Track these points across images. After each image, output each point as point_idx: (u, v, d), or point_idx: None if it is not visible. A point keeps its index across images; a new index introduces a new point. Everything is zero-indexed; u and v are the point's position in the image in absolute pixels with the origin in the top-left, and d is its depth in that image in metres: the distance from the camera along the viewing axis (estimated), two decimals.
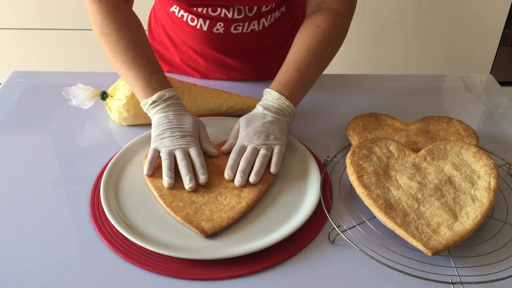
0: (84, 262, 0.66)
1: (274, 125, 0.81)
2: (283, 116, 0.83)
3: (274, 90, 0.84)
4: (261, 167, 0.77)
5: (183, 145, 0.78)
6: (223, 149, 0.83)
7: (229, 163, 0.78)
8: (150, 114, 0.83)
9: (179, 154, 0.78)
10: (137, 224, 0.70)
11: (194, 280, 0.64)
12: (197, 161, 0.77)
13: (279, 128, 0.82)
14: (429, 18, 2.01)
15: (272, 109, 0.83)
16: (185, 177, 0.75)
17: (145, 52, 0.85)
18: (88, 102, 0.92)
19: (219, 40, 1.00)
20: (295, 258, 0.68)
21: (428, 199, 0.70)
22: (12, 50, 2.05)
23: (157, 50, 1.13)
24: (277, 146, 0.80)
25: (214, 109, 0.94)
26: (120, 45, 0.83)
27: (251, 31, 0.99)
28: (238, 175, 0.76)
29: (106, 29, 0.84)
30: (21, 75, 1.10)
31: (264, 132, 0.80)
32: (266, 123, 0.81)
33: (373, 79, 1.14)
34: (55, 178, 0.81)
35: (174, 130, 0.79)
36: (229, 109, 0.94)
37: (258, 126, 0.81)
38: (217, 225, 0.69)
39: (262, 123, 0.81)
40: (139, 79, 0.82)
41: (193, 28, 0.99)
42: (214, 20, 0.96)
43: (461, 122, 0.88)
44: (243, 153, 0.78)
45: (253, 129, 0.81)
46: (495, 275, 0.64)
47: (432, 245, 0.64)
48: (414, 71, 2.16)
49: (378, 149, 0.79)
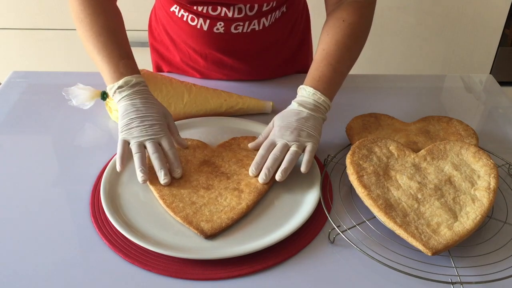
0: (84, 262, 0.66)
1: (309, 121, 0.79)
2: (318, 113, 0.81)
3: (309, 85, 0.83)
4: (289, 165, 0.75)
5: (153, 135, 0.76)
6: (251, 145, 0.81)
7: (255, 159, 0.76)
8: (116, 100, 0.80)
9: (150, 146, 0.75)
10: (137, 224, 0.70)
11: (194, 280, 0.64)
12: (170, 153, 0.76)
13: (313, 125, 0.79)
14: (429, 18, 2.01)
15: (308, 105, 0.81)
16: (159, 171, 0.74)
17: (117, 38, 0.83)
18: (88, 102, 0.92)
19: (219, 40, 1.00)
20: (295, 258, 0.68)
21: (428, 199, 0.70)
22: (12, 50, 2.05)
23: (158, 50, 1.13)
24: (310, 144, 0.78)
25: (214, 109, 0.94)
26: (92, 30, 0.82)
27: (251, 31, 0.99)
28: (263, 172, 0.74)
29: (81, 14, 0.83)
30: (21, 75, 1.10)
31: (298, 129, 0.78)
32: (301, 119, 0.79)
33: (373, 79, 1.14)
34: (55, 178, 0.81)
35: (144, 119, 0.76)
36: (229, 109, 0.94)
37: (292, 122, 0.79)
38: (216, 226, 0.69)
39: (296, 119, 0.79)
40: (107, 63, 0.80)
41: (193, 27, 0.99)
42: (214, 20, 0.96)
43: (461, 122, 0.88)
44: (272, 150, 0.77)
45: (286, 125, 0.79)
46: (495, 275, 0.64)
47: (432, 245, 0.64)
48: (414, 71, 2.16)
49: (378, 149, 0.79)
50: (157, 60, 1.14)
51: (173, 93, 0.92)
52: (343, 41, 0.85)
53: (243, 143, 0.85)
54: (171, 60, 1.11)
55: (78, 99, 0.90)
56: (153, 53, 1.16)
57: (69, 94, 0.91)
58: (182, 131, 0.90)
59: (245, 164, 0.80)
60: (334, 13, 0.90)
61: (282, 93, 1.04)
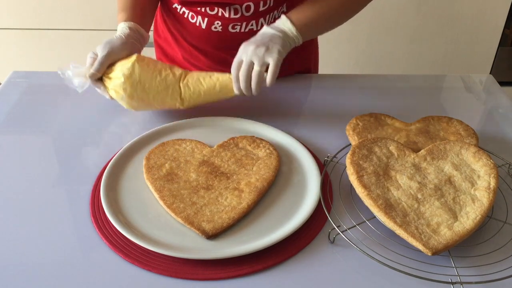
0: (84, 262, 0.66)
1: (273, 39, 0.85)
2: (286, 37, 0.86)
3: (286, 16, 0.88)
4: (257, 85, 0.83)
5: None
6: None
7: (232, 78, 0.86)
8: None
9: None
10: (137, 224, 0.71)
11: (194, 280, 0.64)
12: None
13: (276, 41, 0.84)
14: (429, 18, 2.01)
15: (276, 28, 0.87)
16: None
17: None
18: (85, 80, 0.90)
19: (217, 38, 1.00)
20: (295, 258, 0.68)
21: (428, 199, 0.70)
22: (12, 50, 2.05)
23: (161, 46, 1.14)
24: (271, 58, 0.83)
25: (207, 91, 0.90)
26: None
27: (249, 30, 0.99)
28: (243, 92, 0.85)
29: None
30: (21, 75, 1.10)
31: (261, 44, 0.83)
32: (265, 37, 0.85)
33: (373, 79, 1.14)
34: (55, 178, 0.81)
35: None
36: (223, 88, 0.90)
37: (256, 38, 0.85)
38: (218, 226, 0.69)
39: (261, 37, 0.85)
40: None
41: (193, 25, 0.99)
42: (212, 18, 0.97)
43: (461, 122, 0.88)
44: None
45: (250, 41, 0.85)
46: (494, 275, 0.64)
47: (432, 245, 0.64)
48: (414, 71, 2.16)
49: (378, 149, 0.79)
50: (161, 57, 1.16)
51: (171, 77, 0.90)
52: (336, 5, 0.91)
53: (242, 143, 0.85)
54: (173, 57, 1.12)
55: (75, 80, 0.89)
56: (157, 50, 1.17)
57: (65, 75, 0.90)
58: (180, 131, 0.90)
59: (244, 163, 0.80)
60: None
61: (282, 94, 1.04)
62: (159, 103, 0.90)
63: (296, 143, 0.86)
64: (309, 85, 1.10)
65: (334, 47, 2.05)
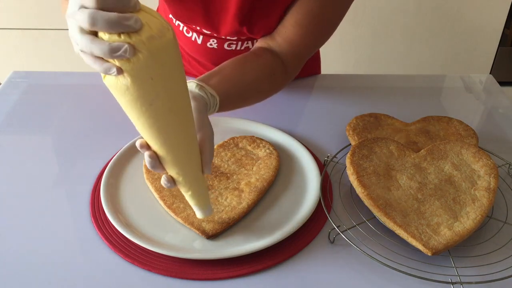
0: (84, 262, 0.66)
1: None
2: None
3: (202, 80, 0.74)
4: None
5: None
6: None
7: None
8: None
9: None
10: (137, 224, 0.71)
11: (194, 280, 0.64)
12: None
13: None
14: (429, 18, 2.01)
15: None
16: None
17: None
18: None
19: (213, 54, 0.97)
20: (295, 258, 0.68)
21: (428, 199, 0.70)
22: (12, 50, 2.06)
23: None
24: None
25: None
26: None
27: (245, 48, 0.96)
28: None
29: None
30: (21, 75, 1.10)
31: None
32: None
33: (373, 79, 1.14)
34: (55, 178, 0.81)
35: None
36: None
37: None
38: (218, 226, 0.69)
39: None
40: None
41: (188, 39, 0.97)
42: (207, 36, 0.94)
43: (461, 122, 0.88)
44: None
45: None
46: (495, 275, 0.64)
47: (432, 245, 0.64)
48: (414, 71, 2.16)
49: (378, 149, 0.79)
50: None
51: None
52: (261, 76, 0.82)
53: (242, 143, 0.85)
54: None
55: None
56: None
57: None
58: None
59: (244, 163, 0.80)
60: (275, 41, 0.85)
61: (282, 94, 1.04)
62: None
63: (296, 143, 0.86)
64: (309, 85, 1.10)
65: (335, 47, 2.05)
